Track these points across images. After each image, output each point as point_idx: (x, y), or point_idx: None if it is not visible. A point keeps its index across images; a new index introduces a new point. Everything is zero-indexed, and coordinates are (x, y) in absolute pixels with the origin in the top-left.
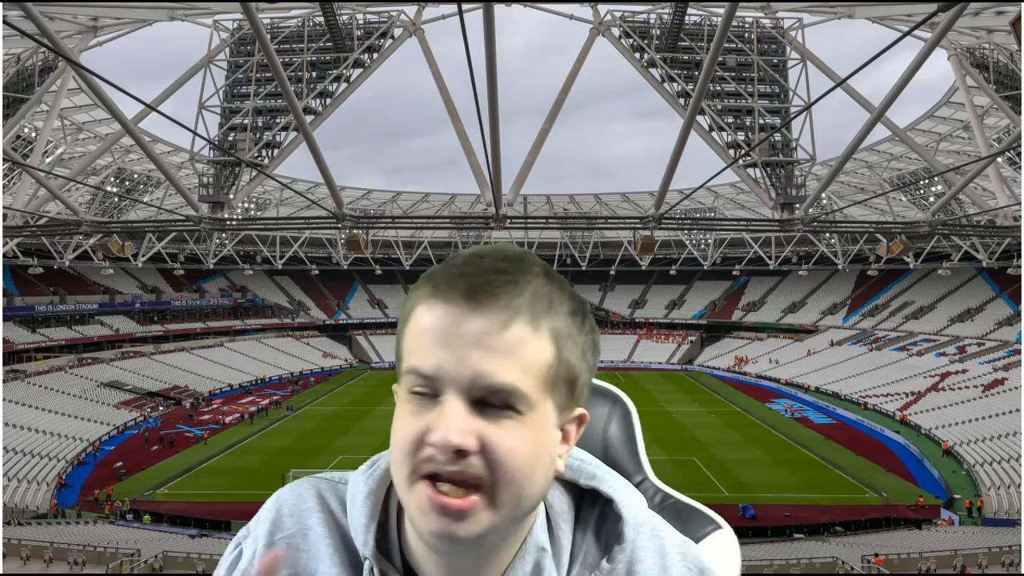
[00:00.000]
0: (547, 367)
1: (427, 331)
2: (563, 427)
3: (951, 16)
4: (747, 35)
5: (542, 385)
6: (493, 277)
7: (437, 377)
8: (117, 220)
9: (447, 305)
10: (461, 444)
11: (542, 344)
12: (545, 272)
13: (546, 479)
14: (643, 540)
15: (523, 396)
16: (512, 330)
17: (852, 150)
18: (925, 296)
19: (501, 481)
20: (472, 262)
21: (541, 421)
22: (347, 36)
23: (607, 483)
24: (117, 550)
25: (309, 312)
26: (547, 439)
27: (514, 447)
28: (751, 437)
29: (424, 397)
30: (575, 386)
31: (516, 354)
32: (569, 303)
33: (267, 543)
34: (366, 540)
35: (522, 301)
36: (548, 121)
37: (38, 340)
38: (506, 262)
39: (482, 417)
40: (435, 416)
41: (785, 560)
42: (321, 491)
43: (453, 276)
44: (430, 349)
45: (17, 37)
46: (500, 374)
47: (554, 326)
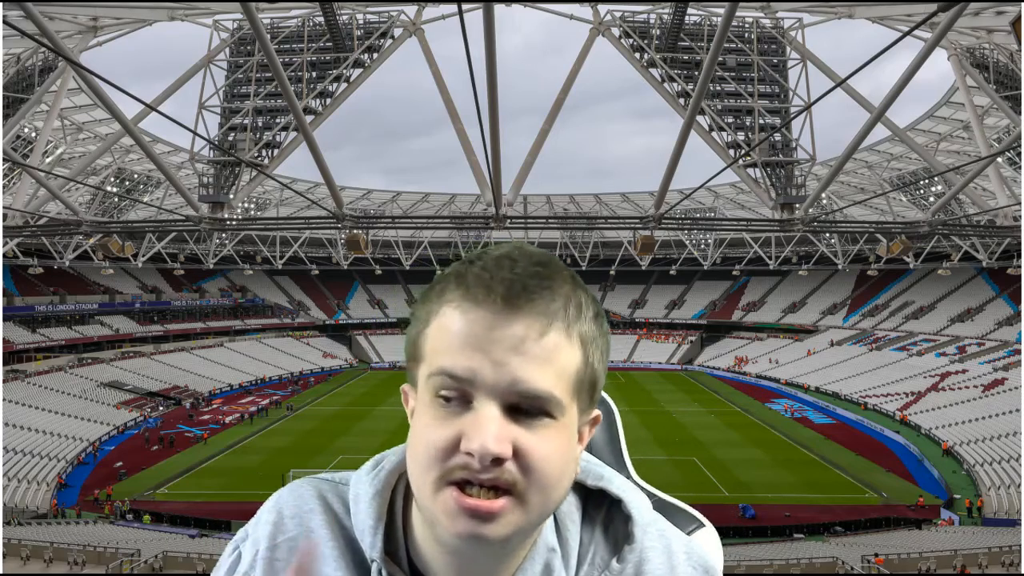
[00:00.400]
0: (577, 372)
1: (459, 334)
2: (579, 429)
3: (951, 16)
4: (747, 35)
5: (571, 390)
6: (530, 282)
7: (471, 380)
8: (117, 220)
9: (482, 309)
10: (500, 452)
11: (574, 350)
12: (572, 276)
13: (571, 482)
14: (651, 540)
15: (557, 402)
16: (550, 336)
17: (852, 150)
18: (925, 296)
19: (533, 486)
20: (505, 266)
21: (569, 427)
22: (347, 36)
23: (614, 484)
24: (117, 550)
25: (309, 312)
26: (573, 444)
27: (547, 453)
28: (751, 437)
29: (452, 402)
30: (596, 389)
31: (552, 361)
32: (593, 306)
33: (269, 546)
34: (373, 542)
35: (557, 307)
36: (548, 121)
37: (38, 340)
38: (540, 267)
39: (516, 423)
40: (469, 422)
41: (785, 560)
42: (323, 492)
43: (488, 280)
44: (463, 352)
45: (17, 37)
46: (538, 380)
47: (583, 331)
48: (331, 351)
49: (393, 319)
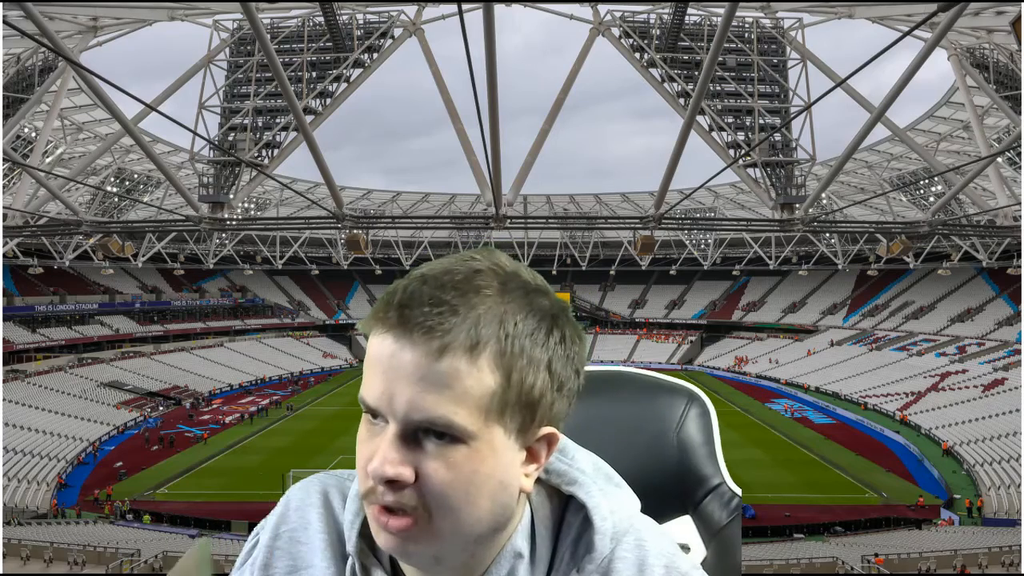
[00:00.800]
0: (489, 396)
1: (370, 361)
2: (530, 447)
3: (951, 16)
4: (747, 35)
5: (484, 414)
6: (425, 309)
7: (377, 408)
8: (117, 220)
9: (384, 335)
10: (393, 475)
11: (481, 374)
12: (501, 290)
13: (495, 503)
14: (622, 551)
15: (459, 428)
16: (443, 362)
17: (852, 150)
18: (925, 296)
19: (436, 511)
20: (409, 289)
21: (485, 450)
22: (347, 36)
23: (585, 488)
24: (117, 550)
25: (309, 312)
26: (493, 467)
27: (449, 479)
28: (751, 437)
29: (376, 420)
30: (535, 408)
31: (450, 386)
32: (526, 322)
33: (272, 535)
34: (350, 536)
35: (459, 331)
36: (548, 121)
37: (38, 340)
38: (443, 290)
39: (420, 448)
40: (377, 443)
41: (785, 560)
42: (327, 487)
43: (390, 305)
44: (372, 380)
45: (17, 37)
46: (431, 408)
47: (499, 350)
48: (331, 351)
49: None
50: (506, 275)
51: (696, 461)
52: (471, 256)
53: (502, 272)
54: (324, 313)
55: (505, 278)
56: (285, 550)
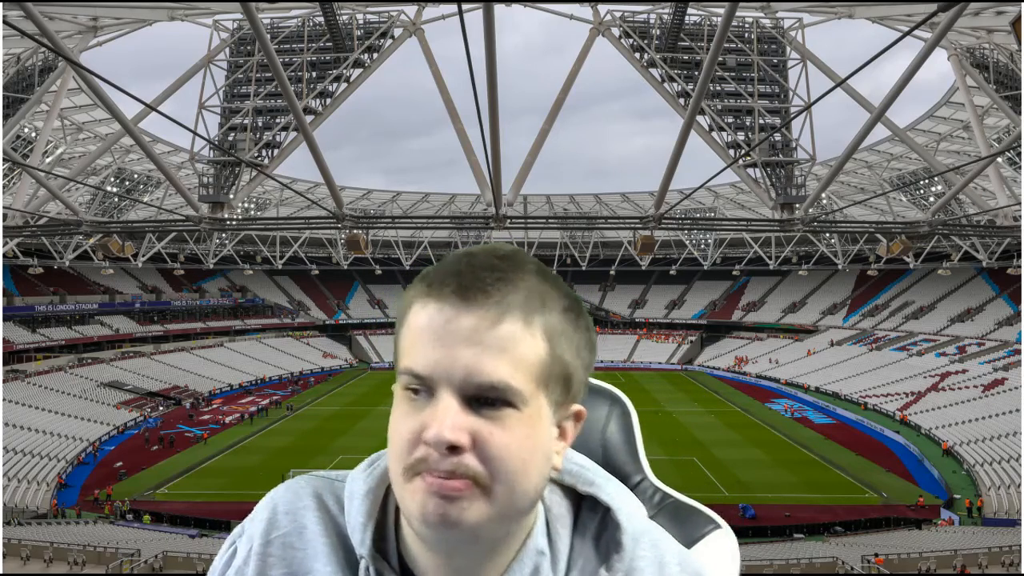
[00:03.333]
0: (540, 364)
1: (421, 330)
2: (560, 424)
3: (951, 16)
4: (747, 35)
5: (535, 382)
6: (485, 274)
7: (431, 376)
8: (117, 220)
9: (439, 303)
10: (454, 440)
11: (535, 341)
12: (538, 270)
13: (541, 476)
14: (642, 550)
15: (516, 392)
16: (504, 326)
17: (852, 150)
18: (925, 296)
19: (495, 476)
20: (464, 260)
21: (535, 417)
22: (347, 36)
23: (605, 490)
24: (117, 550)
25: (309, 312)
26: (541, 436)
27: (507, 443)
28: (751, 437)
29: (419, 395)
30: (570, 383)
31: (508, 350)
32: (563, 300)
33: (263, 542)
34: (363, 539)
35: (515, 298)
36: (548, 121)
37: (38, 340)
38: (498, 259)
39: (476, 414)
40: (429, 414)
41: (785, 560)
42: (318, 489)
43: (445, 274)
44: (423, 349)
45: (17, 37)
46: (492, 371)
47: (547, 323)
48: (331, 351)
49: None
50: (536, 261)
51: (619, 460)
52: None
53: (533, 258)
54: (324, 313)
55: (537, 263)
56: (279, 557)
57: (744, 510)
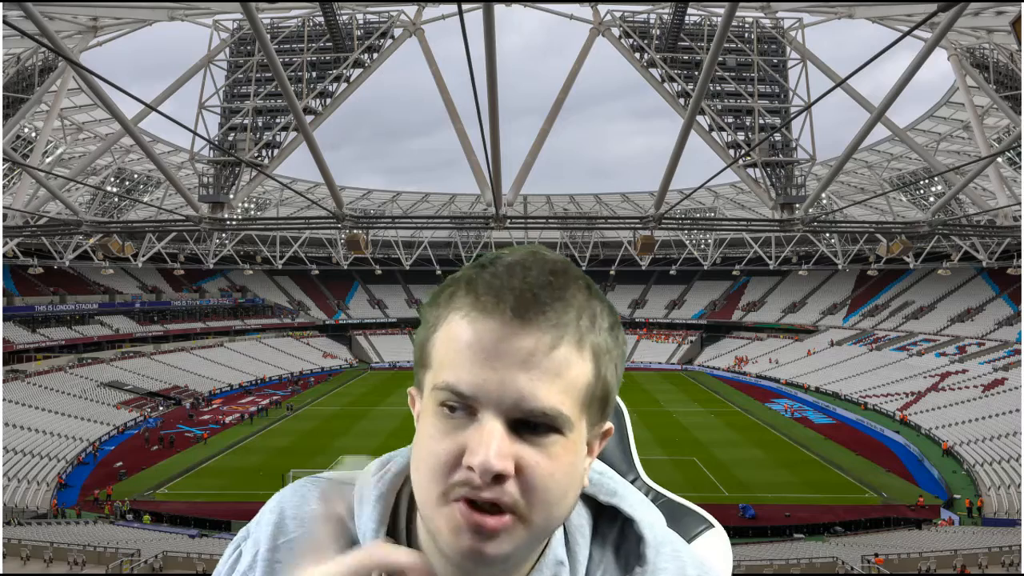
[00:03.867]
0: (587, 387)
1: (467, 346)
2: (589, 441)
3: (951, 16)
4: (747, 35)
5: (580, 406)
6: (542, 292)
7: (476, 396)
8: (117, 220)
9: (491, 320)
10: (502, 469)
11: (585, 364)
12: (587, 285)
13: (576, 497)
14: (663, 561)
15: (565, 419)
16: (560, 351)
17: (852, 150)
18: (925, 296)
19: (536, 505)
20: (517, 273)
21: (578, 443)
22: (347, 36)
23: (627, 501)
24: (117, 550)
25: (309, 312)
26: (580, 459)
27: (552, 471)
28: (751, 437)
29: (455, 413)
30: (608, 403)
31: (561, 375)
32: (609, 317)
33: (270, 547)
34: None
35: (569, 319)
36: (548, 121)
37: (38, 340)
38: (553, 275)
39: (521, 439)
40: (473, 436)
41: (785, 560)
42: (326, 493)
43: (499, 288)
44: (470, 366)
45: (17, 37)
46: (545, 397)
47: (596, 343)
48: (331, 351)
49: (393, 319)
50: (582, 272)
51: (612, 460)
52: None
53: (579, 269)
54: (324, 313)
55: (583, 275)
56: (286, 563)
57: (744, 510)
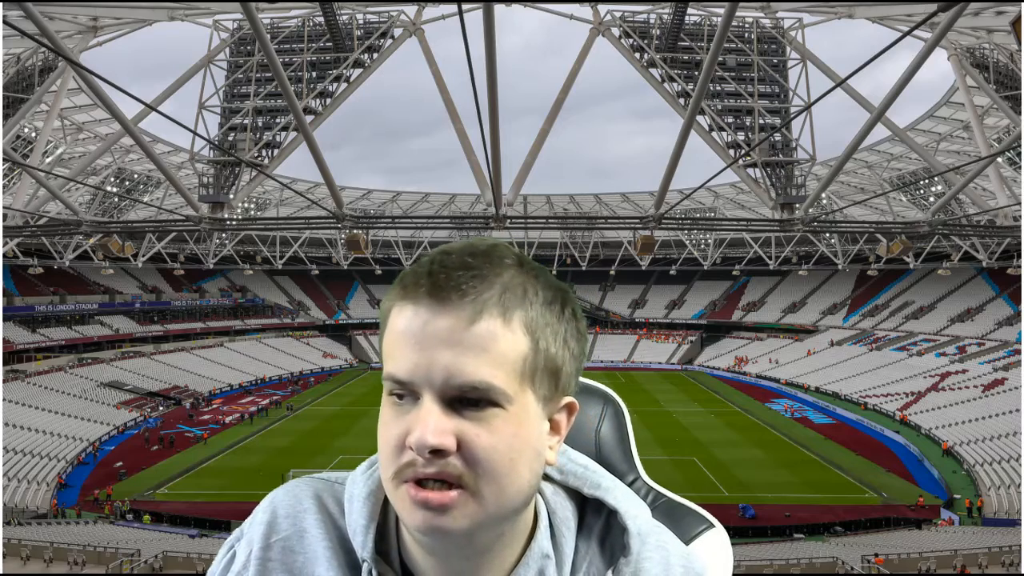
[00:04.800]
0: (522, 359)
1: (400, 335)
2: (552, 418)
3: (951, 16)
4: (747, 35)
5: (519, 378)
6: (458, 273)
7: (411, 380)
8: (117, 220)
9: (415, 306)
10: (438, 444)
11: (515, 337)
12: (518, 263)
13: (532, 473)
14: (648, 551)
15: (499, 391)
16: (481, 325)
17: (852, 150)
18: (925, 296)
19: (482, 477)
20: (438, 260)
21: (522, 414)
22: (347, 36)
23: (612, 494)
24: (117, 550)
25: (309, 312)
26: (529, 432)
27: (493, 443)
28: (751, 437)
29: (403, 400)
30: (558, 376)
31: (488, 349)
32: (545, 292)
33: (263, 545)
34: (365, 542)
35: (491, 295)
36: (548, 121)
37: (38, 340)
38: (473, 257)
39: (459, 416)
40: (413, 418)
41: (785, 560)
42: (318, 492)
43: (418, 276)
44: (403, 353)
45: (17, 37)
46: (472, 371)
47: (528, 317)
48: (331, 351)
49: None
50: (520, 254)
51: (612, 459)
52: (483, 237)
53: (517, 250)
54: (324, 313)
55: (520, 255)
56: (280, 561)
57: (744, 510)
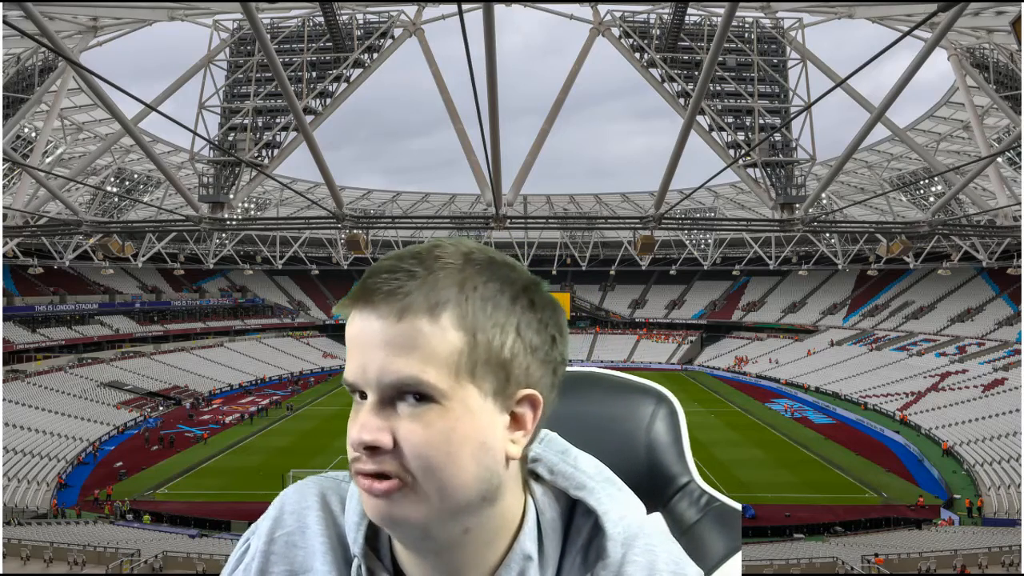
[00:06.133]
0: (456, 354)
1: (348, 340)
2: (513, 412)
3: (951, 16)
4: (747, 35)
5: (454, 373)
6: (384, 276)
7: (355, 383)
8: (117, 220)
9: (353, 311)
10: (369, 440)
11: (444, 333)
12: (463, 261)
13: (480, 465)
14: (633, 555)
15: (430, 386)
16: (404, 323)
17: (852, 150)
18: (925, 296)
19: (418, 473)
20: (373, 267)
21: (460, 410)
22: (347, 36)
23: (595, 495)
24: (117, 550)
25: (309, 312)
26: (471, 426)
27: (427, 438)
28: (751, 437)
29: (361, 400)
30: (508, 368)
31: (416, 346)
32: (491, 284)
33: (268, 539)
34: (356, 538)
35: (417, 293)
36: (548, 121)
37: (38, 340)
38: (402, 260)
39: (395, 413)
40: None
41: (785, 560)
42: (324, 489)
43: (356, 284)
44: (350, 357)
45: (17, 37)
46: (400, 368)
47: (462, 312)
48: (331, 351)
49: None
50: (470, 251)
51: (665, 460)
52: (439, 240)
53: (466, 249)
54: (324, 313)
55: (469, 253)
56: (282, 555)
57: (744, 510)
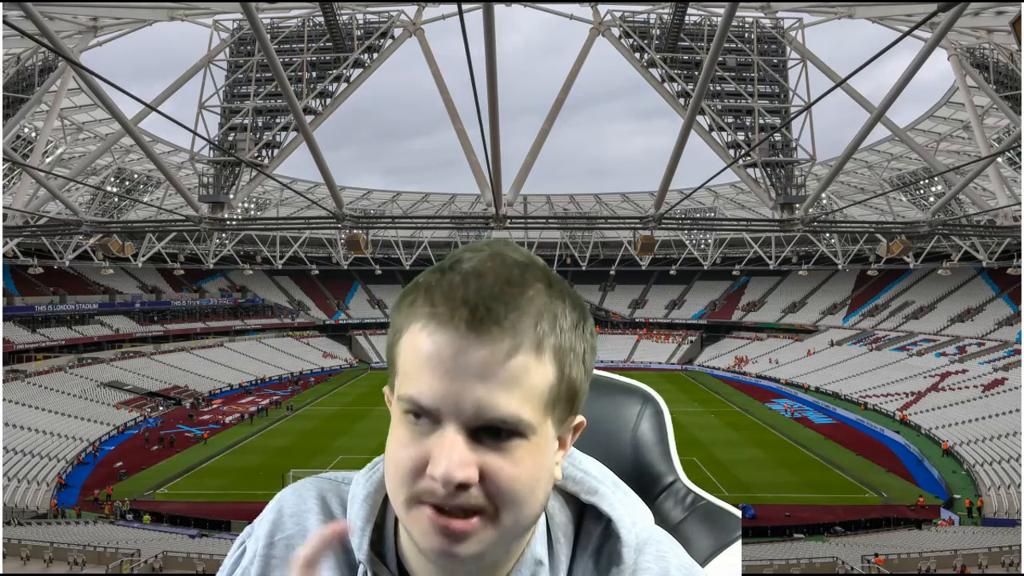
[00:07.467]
0: (549, 390)
1: (427, 359)
2: (560, 436)
3: (951, 16)
4: (747, 35)
5: (544, 408)
6: (495, 304)
7: (437, 409)
8: (117, 220)
9: (447, 333)
10: (464, 479)
11: (544, 368)
12: (548, 283)
13: (546, 494)
14: (646, 561)
15: (527, 424)
16: (517, 360)
17: (852, 150)
18: (925, 296)
19: (504, 507)
20: (471, 283)
21: (542, 443)
22: (347, 36)
23: (607, 500)
24: (117, 550)
25: (309, 312)
26: (547, 458)
27: (516, 474)
28: (751, 437)
29: (420, 420)
30: (575, 400)
31: (520, 383)
32: (572, 315)
33: (267, 543)
34: (360, 543)
35: (525, 326)
36: (548, 121)
37: (38, 340)
38: (508, 285)
39: (483, 447)
40: (434, 445)
41: (785, 560)
42: (323, 492)
43: (454, 300)
44: (430, 379)
45: (17, 37)
46: (503, 406)
47: (557, 345)
48: (331, 351)
49: None
50: (544, 269)
51: (651, 459)
52: (504, 249)
53: (541, 266)
54: (324, 313)
55: (545, 272)
56: (282, 558)
57: (744, 510)
